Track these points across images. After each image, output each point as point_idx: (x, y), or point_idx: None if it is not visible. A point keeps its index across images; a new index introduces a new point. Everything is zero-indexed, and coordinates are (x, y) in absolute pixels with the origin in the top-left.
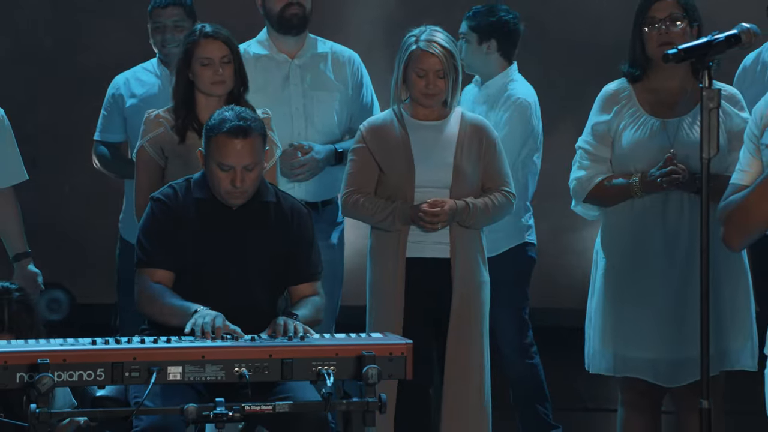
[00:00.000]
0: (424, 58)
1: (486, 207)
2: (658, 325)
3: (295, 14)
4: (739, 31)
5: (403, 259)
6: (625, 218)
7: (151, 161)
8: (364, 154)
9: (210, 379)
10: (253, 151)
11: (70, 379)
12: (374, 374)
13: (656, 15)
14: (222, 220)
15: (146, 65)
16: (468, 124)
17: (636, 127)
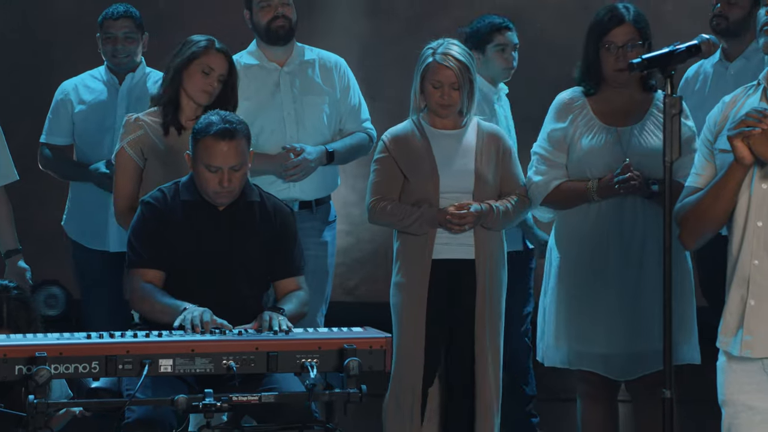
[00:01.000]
0: (440, 71)
1: (507, 210)
2: (611, 322)
3: (281, 26)
4: (700, 41)
5: (430, 260)
6: (580, 219)
7: (131, 162)
8: (389, 163)
9: (199, 372)
10: (238, 153)
11: (66, 371)
12: (355, 366)
13: (615, 41)
14: (209, 221)
15: (93, 72)
16: (485, 133)
17: (591, 135)
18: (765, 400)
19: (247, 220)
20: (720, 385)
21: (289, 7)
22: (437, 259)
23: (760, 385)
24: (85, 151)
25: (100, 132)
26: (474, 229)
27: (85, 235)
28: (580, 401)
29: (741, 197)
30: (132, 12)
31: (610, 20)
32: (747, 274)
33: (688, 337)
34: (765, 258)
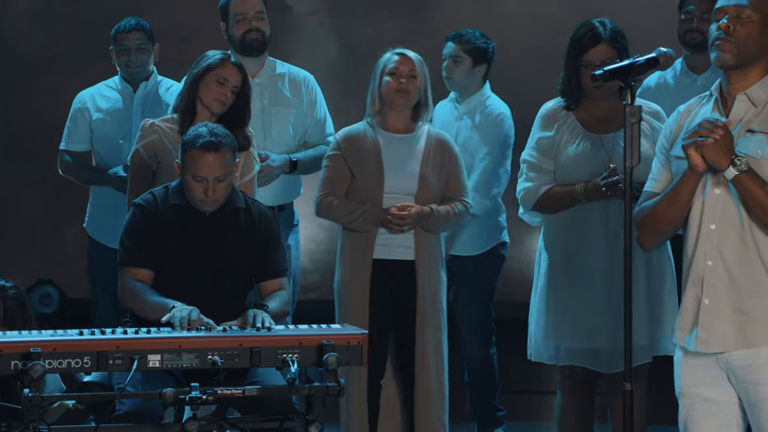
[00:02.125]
0: (399, 62)
1: (447, 214)
2: (597, 318)
3: (255, 39)
4: (658, 54)
5: (371, 259)
6: (566, 222)
7: (144, 164)
8: (339, 160)
9: (186, 366)
10: (223, 164)
11: (60, 366)
12: (333, 361)
13: (592, 60)
14: (197, 224)
15: (108, 83)
16: (434, 139)
17: (577, 143)
18: (718, 392)
19: (232, 225)
20: (677, 378)
21: (264, 22)
22: (378, 259)
23: (714, 379)
24: (103, 156)
25: (117, 138)
26: (414, 232)
27: (105, 235)
28: (560, 395)
29: (695, 202)
30: (143, 24)
31: (587, 40)
32: (701, 274)
33: (669, 331)
34: (718, 259)
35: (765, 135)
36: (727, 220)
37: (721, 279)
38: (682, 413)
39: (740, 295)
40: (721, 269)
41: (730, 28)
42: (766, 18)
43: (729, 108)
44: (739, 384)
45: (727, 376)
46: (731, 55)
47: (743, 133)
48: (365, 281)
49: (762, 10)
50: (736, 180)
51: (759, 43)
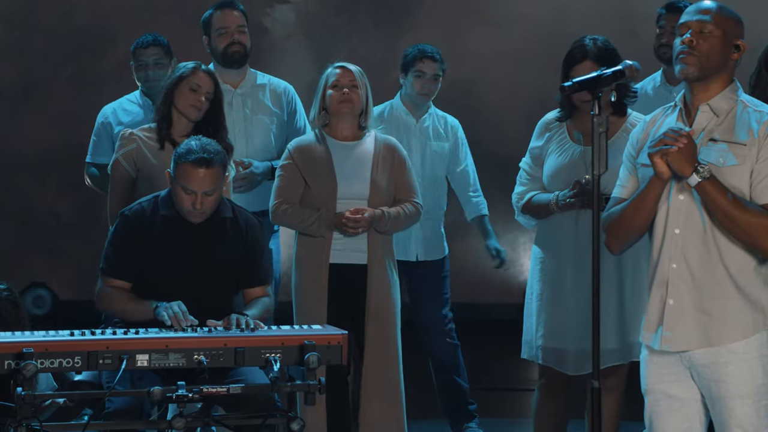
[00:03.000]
0: (339, 74)
1: (398, 215)
2: (567, 321)
3: (237, 51)
4: (623, 66)
5: (327, 264)
6: (550, 228)
7: (125, 173)
8: (292, 169)
9: (173, 365)
10: (213, 180)
11: (52, 365)
12: (314, 360)
13: (577, 75)
14: (185, 234)
15: (130, 97)
16: (382, 144)
17: (560, 153)
18: (682, 390)
19: (220, 234)
20: (643, 376)
21: (245, 35)
22: (334, 263)
23: (677, 376)
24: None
25: None
26: (367, 235)
27: None
28: (537, 393)
29: (660, 207)
30: (160, 40)
31: (574, 56)
32: (666, 276)
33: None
34: (682, 262)
35: (726, 144)
36: (690, 224)
37: (685, 281)
38: (647, 409)
39: (703, 297)
40: (684, 271)
41: (693, 42)
42: (726, 33)
43: (692, 118)
44: (701, 381)
45: (691, 373)
46: (694, 68)
47: (706, 142)
48: (323, 285)
49: (723, 25)
50: (699, 187)
51: (720, 56)
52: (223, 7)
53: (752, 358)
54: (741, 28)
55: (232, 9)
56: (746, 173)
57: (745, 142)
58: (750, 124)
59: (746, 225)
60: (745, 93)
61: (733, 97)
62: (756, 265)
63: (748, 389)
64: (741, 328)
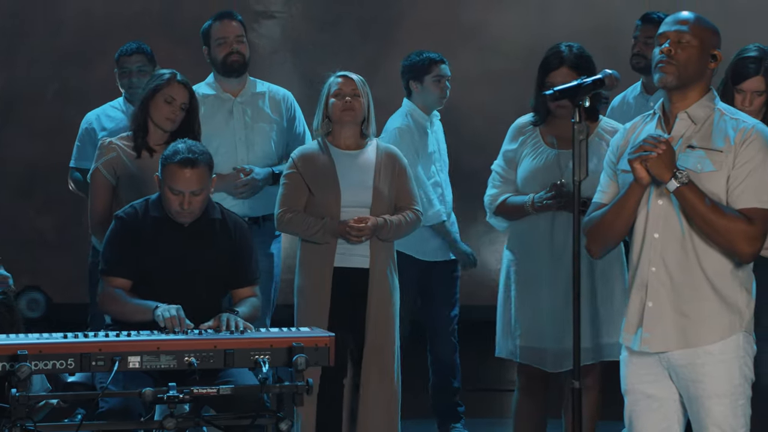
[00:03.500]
0: (341, 83)
1: (400, 223)
2: (544, 320)
3: (236, 60)
4: (603, 76)
5: (332, 268)
6: (522, 229)
7: (105, 181)
8: (296, 178)
9: (164, 367)
10: (199, 179)
11: (45, 367)
12: (303, 362)
13: (553, 82)
14: (175, 235)
15: (114, 103)
16: (383, 152)
17: (535, 156)
18: (660, 390)
19: (209, 235)
20: (623, 376)
21: (243, 45)
22: (338, 267)
23: (656, 376)
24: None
25: None
26: (370, 242)
27: None
28: (517, 392)
29: (640, 212)
30: (144, 48)
31: (551, 63)
32: (645, 279)
33: (617, 337)
34: (661, 265)
35: (704, 150)
36: (669, 229)
37: (664, 284)
38: (627, 409)
39: (681, 299)
40: (663, 275)
41: (671, 51)
42: (704, 43)
43: (671, 125)
44: (679, 381)
45: (669, 374)
46: (672, 77)
47: (684, 149)
48: (326, 288)
49: (700, 35)
50: (677, 192)
51: (698, 65)
52: (222, 18)
53: (729, 359)
54: (718, 38)
55: (230, 19)
56: (723, 179)
57: (721, 148)
58: (726, 132)
59: (723, 229)
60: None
61: (711, 105)
62: (733, 269)
63: (725, 389)
64: (718, 330)
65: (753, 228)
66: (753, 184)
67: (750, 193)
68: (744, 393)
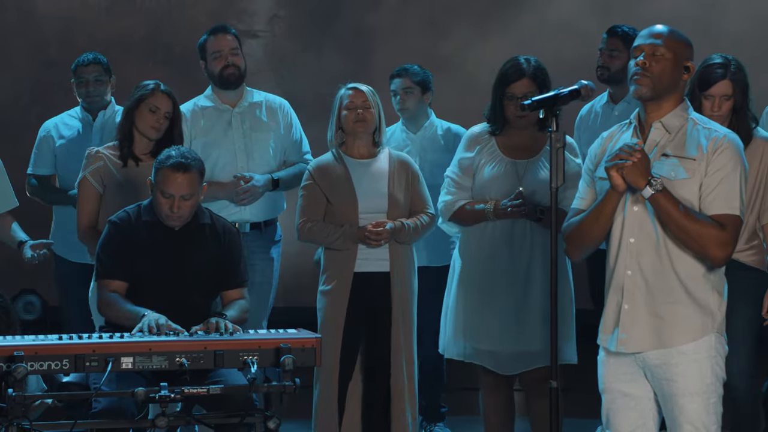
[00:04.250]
0: (352, 96)
1: (416, 227)
2: (500, 324)
3: (232, 73)
4: (579, 86)
5: (352, 273)
6: (479, 235)
7: (92, 189)
8: (314, 189)
9: (156, 368)
10: (190, 184)
11: (41, 368)
12: (290, 362)
13: (514, 93)
14: (167, 239)
15: (71, 112)
16: (396, 160)
17: (493, 165)
18: (636, 388)
19: (199, 239)
20: (600, 375)
21: (239, 57)
22: (358, 272)
23: (632, 376)
24: (65, 179)
25: (78, 162)
26: (389, 246)
27: (67, 250)
28: (482, 391)
29: (616, 218)
30: (100, 58)
31: (512, 74)
32: (622, 282)
33: (567, 340)
34: (636, 269)
35: (678, 159)
36: (644, 234)
37: (639, 287)
38: (604, 407)
39: (656, 301)
40: (639, 278)
41: (646, 64)
42: (677, 55)
43: (646, 134)
44: (654, 380)
45: (644, 373)
46: (648, 89)
47: (659, 157)
48: (345, 292)
49: (674, 48)
50: (652, 199)
51: (672, 77)
52: (216, 32)
53: (701, 359)
54: (691, 50)
55: (225, 33)
56: (695, 186)
57: (695, 157)
58: (699, 141)
59: (696, 235)
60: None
61: (684, 115)
62: (705, 272)
63: (697, 388)
64: (691, 331)
65: (724, 233)
66: (724, 191)
67: (721, 200)
68: (716, 391)
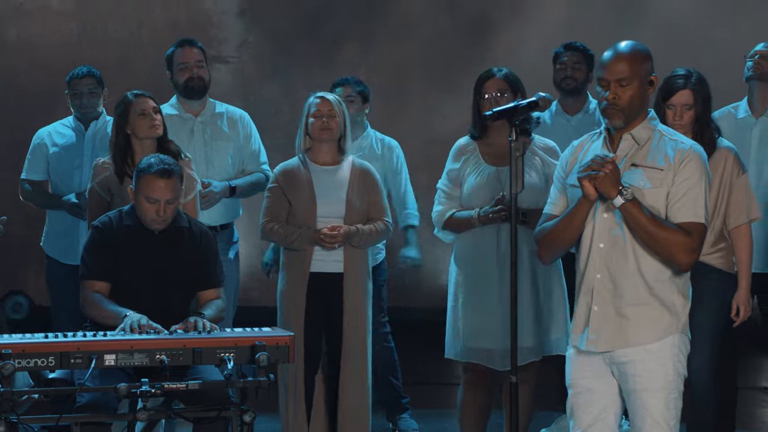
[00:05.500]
0: (319, 104)
1: (371, 232)
2: (494, 323)
3: (196, 84)
4: (537, 98)
5: (308, 273)
6: (471, 242)
7: (100, 198)
8: (277, 192)
9: (137, 364)
10: (173, 189)
11: (28, 365)
12: (265, 359)
13: (488, 90)
14: (147, 241)
15: (64, 121)
16: (357, 168)
17: (477, 174)
18: (601, 384)
19: (177, 242)
20: (568, 371)
21: (203, 69)
22: (314, 272)
23: (599, 372)
24: (58, 185)
25: (70, 169)
26: (344, 249)
27: (59, 253)
28: (462, 388)
29: (587, 224)
30: (93, 72)
31: (485, 76)
32: (592, 285)
33: (558, 332)
34: (605, 272)
35: (646, 169)
36: (613, 240)
37: (608, 289)
38: (569, 400)
39: (623, 303)
40: (608, 281)
41: (615, 98)
42: (641, 78)
43: (616, 144)
44: (620, 376)
45: (611, 369)
46: (620, 120)
47: (628, 167)
48: (302, 291)
49: (637, 72)
50: (623, 207)
51: (640, 100)
52: (183, 45)
53: (665, 357)
54: (651, 63)
55: (191, 46)
56: (663, 195)
57: (662, 167)
58: (666, 152)
59: (664, 241)
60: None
61: (651, 127)
62: (671, 275)
63: (659, 384)
64: (657, 331)
65: (691, 240)
66: (690, 200)
67: (688, 209)
68: (677, 388)
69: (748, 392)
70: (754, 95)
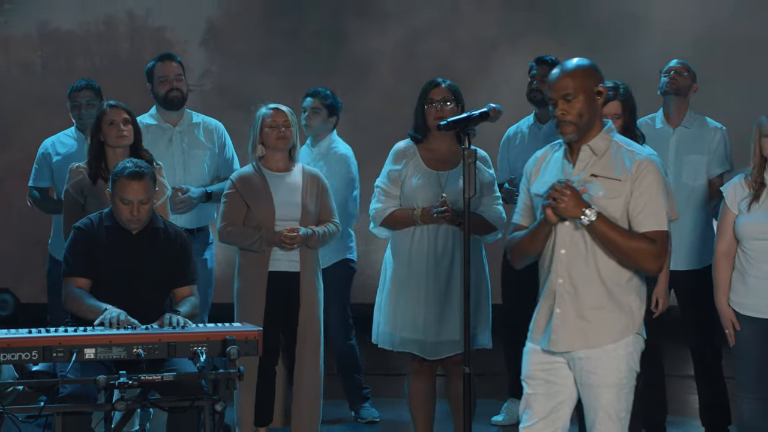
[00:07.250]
0: (274, 114)
1: (324, 234)
2: (426, 315)
3: (175, 96)
4: (488, 109)
5: (266, 272)
6: (407, 239)
7: (74, 200)
8: (235, 197)
9: (115, 357)
10: (146, 190)
11: (13, 358)
12: (235, 352)
13: (434, 97)
14: (125, 241)
15: (67, 132)
16: (308, 174)
17: (419, 176)
18: (558, 377)
19: (154, 242)
20: (526, 364)
21: (182, 82)
22: (272, 271)
23: (556, 366)
24: (62, 191)
25: None
26: (299, 249)
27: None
28: (409, 376)
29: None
30: (92, 84)
31: (430, 85)
32: (554, 289)
33: (483, 328)
34: (567, 277)
35: (605, 179)
36: (574, 246)
37: (569, 293)
38: (526, 392)
39: (583, 306)
40: (569, 285)
41: (564, 113)
42: (587, 91)
43: (575, 155)
44: (576, 370)
45: (568, 363)
46: (573, 134)
47: (588, 177)
48: (262, 289)
49: (582, 86)
50: (590, 226)
51: (590, 112)
52: (163, 59)
53: (619, 355)
54: (597, 75)
55: (170, 60)
56: (620, 204)
57: (620, 177)
58: (624, 162)
59: (631, 252)
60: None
61: (609, 138)
62: (628, 279)
63: (613, 380)
64: (614, 333)
65: (655, 247)
66: (652, 210)
67: (650, 219)
68: (629, 384)
69: (676, 380)
70: (670, 108)
